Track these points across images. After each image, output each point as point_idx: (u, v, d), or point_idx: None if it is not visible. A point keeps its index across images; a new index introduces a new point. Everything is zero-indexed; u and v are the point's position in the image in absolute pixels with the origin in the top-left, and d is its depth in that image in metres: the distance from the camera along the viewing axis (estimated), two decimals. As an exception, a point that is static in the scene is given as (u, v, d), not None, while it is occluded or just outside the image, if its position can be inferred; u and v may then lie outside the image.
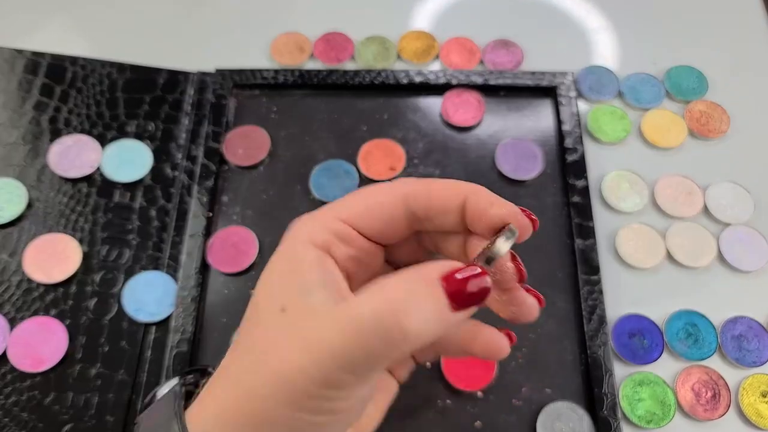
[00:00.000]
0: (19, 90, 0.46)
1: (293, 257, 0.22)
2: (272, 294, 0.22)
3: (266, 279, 0.23)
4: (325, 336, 0.19)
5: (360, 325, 0.19)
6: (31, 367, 0.36)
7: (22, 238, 0.40)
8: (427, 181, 0.24)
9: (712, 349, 0.37)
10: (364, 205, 0.23)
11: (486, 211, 0.22)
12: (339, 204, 0.24)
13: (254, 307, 0.23)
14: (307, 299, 0.21)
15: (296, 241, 0.23)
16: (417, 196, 0.23)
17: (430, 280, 0.20)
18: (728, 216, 0.41)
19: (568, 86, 0.45)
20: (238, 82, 0.46)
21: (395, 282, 0.20)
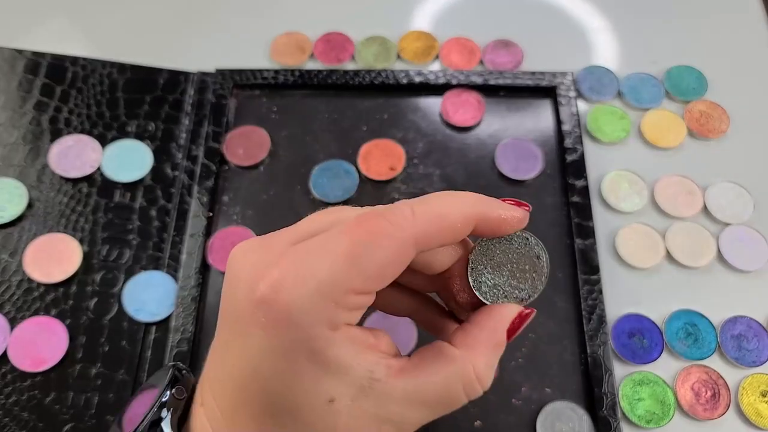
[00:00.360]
0: (20, 90, 0.46)
1: (313, 350, 0.20)
2: (305, 392, 0.20)
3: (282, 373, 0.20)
4: (410, 416, 0.21)
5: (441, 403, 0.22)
6: (32, 366, 0.37)
7: (22, 238, 0.41)
8: (431, 215, 0.21)
9: (711, 348, 0.37)
10: (377, 268, 0.20)
11: (499, 228, 0.23)
12: (345, 269, 0.19)
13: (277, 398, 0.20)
14: (357, 382, 0.20)
15: (309, 332, 0.19)
16: (431, 239, 0.21)
17: (502, 343, 0.23)
18: (728, 216, 0.41)
19: (567, 86, 0.45)
20: (239, 82, 0.46)
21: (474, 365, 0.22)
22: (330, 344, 0.20)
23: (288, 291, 0.19)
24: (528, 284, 0.23)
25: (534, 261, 0.23)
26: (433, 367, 0.21)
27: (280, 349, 0.19)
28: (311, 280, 0.19)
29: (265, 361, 0.20)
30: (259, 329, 0.20)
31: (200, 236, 0.40)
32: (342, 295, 0.19)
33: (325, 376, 0.20)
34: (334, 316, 0.20)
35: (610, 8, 0.50)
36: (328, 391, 0.20)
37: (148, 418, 0.22)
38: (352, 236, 0.20)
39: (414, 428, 0.22)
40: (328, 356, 0.20)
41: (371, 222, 0.20)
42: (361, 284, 0.20)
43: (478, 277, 0.23)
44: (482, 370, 0.22)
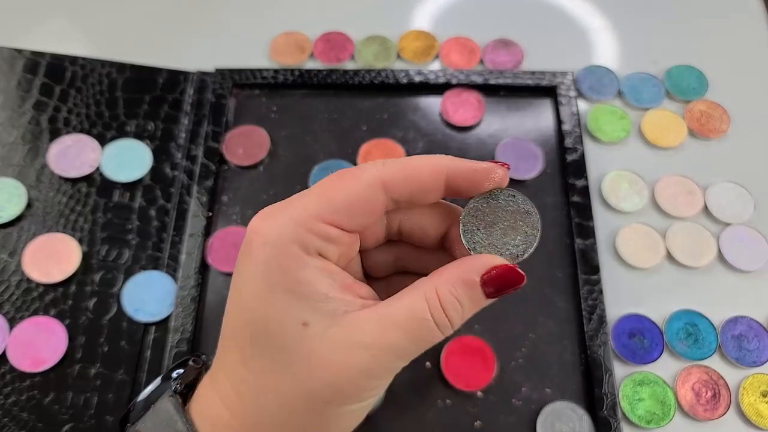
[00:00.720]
0: (19, 89, 0.46)
1: (287, 267, 0.22)
2: (280, 310, 0.21)
3: (261, 296, 0.22)
4: (381, 338, 0.21)
5: (410, 325, 0.22)
6: (31, 367, 0.36)
7: (21, 238, 0.40)
8: (400, 164, 0.23)
9: (712, 348, 0.37)
10: (343, 200, 0.22)
11: (472, 174, 0.23)
12: (314, 200, 0.22)
13: (257, 325, 0.22)
14: (332, 312, 0.22)
15: (282, 250, 0.22)
16: (397, 183, 0.23)
17: (471, 282, 0.23)
18: (728, 216, 0.41)
19: (568, 86, 0.45)
20: (238, 82, 0.46)
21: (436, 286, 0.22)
22: (302, 266, 0.22)
23: (269, 220, 0.22)
24: (521, 240, 0.24)
25: (524, 217, 0.24)
26: (403, 293, 0.23)
27: (259, 267, 0.22)
28: (287, 210, 0.22)
29: (247, 284, 0.22)
30: (246, 256, 0.22)
31: (200, 236, 0.40)
32: (312, 222, 0.22)
33: (300, 300, 0.21)
34: (306, 240, 0.22)
35: (610, 8, 0.50)
36: (302, 313, 0.21)
37: (154, 385, 0.25)
38: (325, 180, 0.23)
39: (390, 356, 0.22)
40: (299, 277, 0.22)
41: (344, 170, 0.23)
42: (329, 214, 0.22)
43: (472, 237, 0.24)
44: (445, 296, 0.22)
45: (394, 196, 0.23)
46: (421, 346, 0.22)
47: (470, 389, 0.36)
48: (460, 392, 0.36)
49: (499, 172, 0.24)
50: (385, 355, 0.22)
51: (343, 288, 0.22)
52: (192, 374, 0.26)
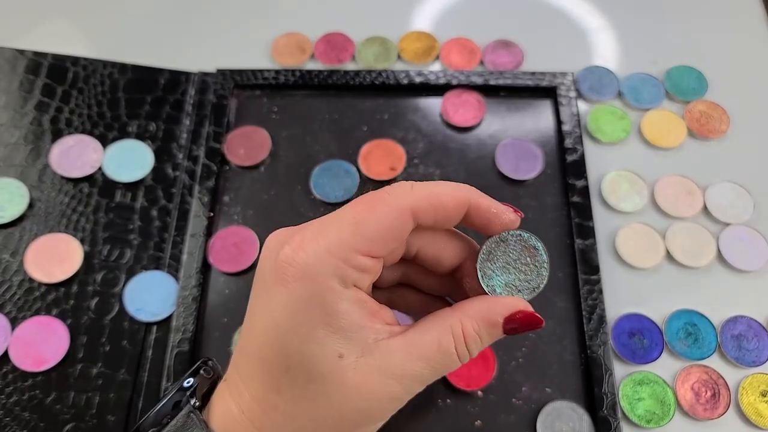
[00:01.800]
0: (21, 90, 0.46)
1: (325, 302, 0.22)
2: (318, 344, 0.22)
3: (299, 331, 0.22)
4: (410, 369, 0.23)
5: (435, 357, 0.23)
6: (33, 366, 0.37)
7: (23, 238, 0.41)
8: (427, 192, 0.24)
9: (711, 348, 0.37)
10: (378, 231, 0.23)
11: (488, 213, 0.25)
12: (350, 230, 0.23)
13: (294, 359, 0.22)
14: (363, 341, 0.23)
15: (321, 284, 0.22)
16: (425, 212, 0.24)
17: (494, 323, 0.24)
18: (728, 216, 0.41)
19: (568, 86, 0.45)
20: (239, 83, 0.46)
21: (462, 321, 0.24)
22: (340, 299, 0.22)
23: (304, 250, 0.22)
24: (534, 274, 0.25)
25: (533, 252, 0.25)
26: (429, 324, 0.24)
27: (297, 301, 0.22)
28: (322, 241, 0.22)
29: (284, 314, 0.22)
30: (281, 286, 0.22)
31: (201, 236, 0.40)
32: (349, 254, 0.22)
33: (337, 332, 0.22)
34: (343, 273, 0.22)
35: (610, 8, 0.50)
36: (338, 346, 0.22)
37: (170, 397, 0.25)
38: (356, 207, 0.23)
39: (417, 384, 0.24)
40: (339, 310, 0.22)
41: (373, 195, 0.23)
42: (364, 246, 0.23)
43: (489, 281, 0.25)
44: (469, 333, 0.24)
45: (419, 221, 0.24)
46: (441, 374, 0.24)
47: (470, 389, 0.36)
48: (461, 392, 0.36)
49: (511, 216, 0.25)
50: (412, 383, 0.23)
51: (371, 315, 0.23)
52: (206, 385, 0.26)
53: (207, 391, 0.26)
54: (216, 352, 0.38)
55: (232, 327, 0.38)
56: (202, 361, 0.27)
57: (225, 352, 0.37)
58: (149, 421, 0.25)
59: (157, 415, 0.25)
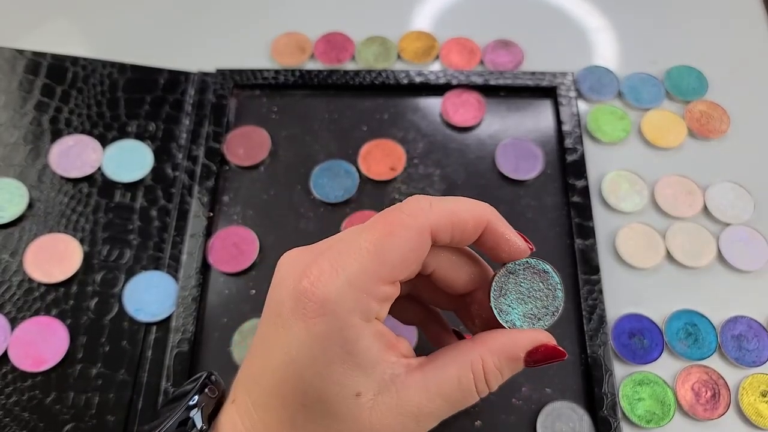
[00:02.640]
0: (20, 90, 0.46)
1: (346, 339, 0.21)
2: (336, 383, 0.22)
3: (318, 369, 0.22)
4: (426, 407, 0.22)
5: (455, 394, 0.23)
6: (32, 366, 0.37)
7: (23, 238, 0.41)
8: (447, 210, 0.23)
9: (711, 348, 0.37)
10: (399, 257, 0.22)
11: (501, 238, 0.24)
12: (371, 260, 0.22)
13: (311, 396, 0.22)
14: (380, 377, 0.22)
15: (342, 321, 0.21)
16: (444, 231, 0.23)
17: (516, 358, 0.24)
18: (728, 216, 0.41)
19: (568, 86, 0.45)
20: (239, 83, 0.46)
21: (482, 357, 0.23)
22: (361, 335, 0.22)
23: (324, 284, 0.21)
24: (551, 298, 0.25)
25: (544, 276, 0.25)
26: (448, 359, 0.23)
27: (317, 338, 0.21)
28: (343, 274, 0.21)
29: (303, 350, 0.21)
30: (299, 321, 0.21)
31: (201, 236, 0.40)
32: (372, 285, 0.22)
33: (355, 369, 0.22)
34: (366, 306, 0.22)
35: (610, 8, 0.50)
36: (356, 384, 0.22)
37: (177, 417, 0.24)
38: (374, 232, 0.22)
39: (433, 421, 0.23)
40: (359, 348, 0.22)
41: (391, 215, 0.22)
42: (387, 273, 0.22)
43: (507, 317, 0.25)
44: (490, 369, 0.23)
45: (436, 240, 0.23)
46: (458, 410, 0.24)
47: (470, 389, 0.36)
48: (461, 392, 0.36)
49: (521, 246, 0.25)
50: (428, 421, 0.23)
51: (389, 349, 0.23)
52: (211, 405, 0.25)
53: (212, 412, 0.25)
54: (216, 352, 0.38)
55: (231, 327, 0.38)
56: (206, 377, 0.26)
57: (225, 352, 0.37)
58: None
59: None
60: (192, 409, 0.24)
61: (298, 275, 0.22)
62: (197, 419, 0.24)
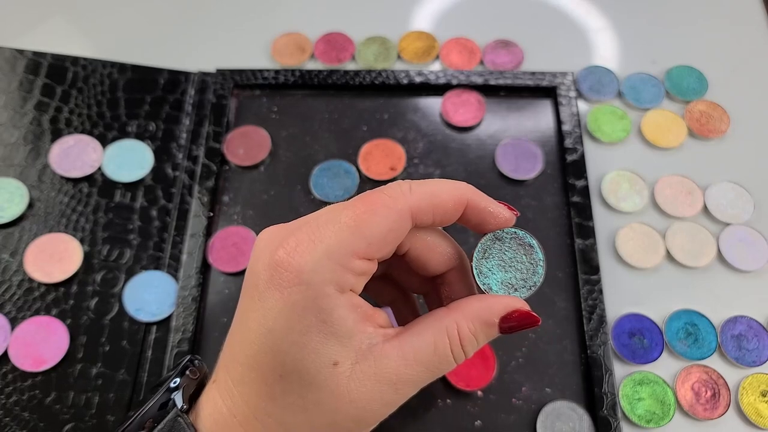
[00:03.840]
0: (20, 90, 0.46)
1: (321, 309, 0.22)
2: (313, 352, 0.22)
3: (294, 338, 0.22)
4: (405, 374, 0.23)
5: (431, 360, 0.23)
6: (32, 366, 0.37)
7: (23, 238, 0.41)
8: (427, 192, 0.23)
9: (711, 348, 0.37)
10: (378, 234, 0.22)
11: (485, 212, 0.25)
12: (349, 234, 0.22)
13: (289, 367, 0.22)
14: (357, 347, 0.22)
15: (318, 291, 0.22)
16: (424, 213, 0.23)
17: (491, 323, 0.24)
18: (728, 216, 0.41)
19: (568, 86, 0.45)
20: (239, 83, 0.46)
21: (457, 322, 0.23)
22: (336, 305, 0.22)
23: (301, 254, 0.22)
24: (530, 272, 0.25)
25: (529, 250, 0.25)
26: (424, 326, 0.24)
27: (293, 307, 0.21)
28: (320, 245, 0.22)
29: (280, 320, 0.22)
30: (276, 291, 0.22)
31: (201, 236, 0.40)
32: (348, 258, 0.22)
33: (331, 339, 0.22)
34: (342, 278, 0.22)
35: (610, 8, 0.50)
36: (333, 353, 0.22)
37: (157, 399, 0.24)
38: (355, 209, 0.22)
39: (412, 387, 0.23)
40: (334, 317, 0.22)
41: (373, 195, 0.23)
42: (365, 249, 0.22)
43: (486, 280, 0.25)
44: (465, 334, 0.23)
45: (418, 222, 0.24)
46: (437, 376, 0.24)
47: (470, 389, 0.36)
48: (461, 392, 0.36)
49: (506, 215, 0.25)
50: (407, 387, 0.23)
51: (366, 320, 0.23)
52: (192, 386, 0.25)
53: (194, 392, 0.25)
54: (215, 351, 0.37)
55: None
56: (189, 359, 0.26)
57: (225, 352, 0.37)
58: (135, 424, 0.24)
59: (143, 418, 0.24)
60: (173, 391, 0.25)
61: (275, 247, 0.22)
62: (178, 399, 0.24)
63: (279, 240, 0.22)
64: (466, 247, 0.27)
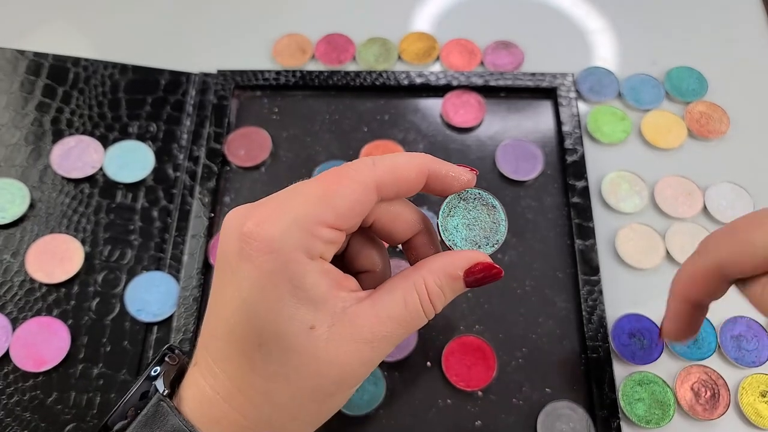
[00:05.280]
0: (22, 91, 0.46)
1: (293, 274, 0.22)
2: (289, 317, 0.22)
3: (269, 306, 0.22)
4: (379, 331, 0.23)
5: (403, 315, 0.24)
6: (34, 367, 0.37)
7: (24, 239, 0.41)
8: (390, 165, 0.24)
9: (711, 348, 0.37)
10: (345, 205, 0.23)
11: (447, 177, 0.26)
12: (317, 204, 0.23)
13: (266, 335, 0.22)
14: (332, 310, 0.23)
15: (288, 257, 0.22)
16: (389, 186, 0.24)
17: (455, 276, 0.25)
18: (728, 216, 0.41)
19: (568, 87, 0.45)
20: (240, 83, 0.46)
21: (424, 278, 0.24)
22: (307, 272, 0.22)
23: (269, 224, 0.22)
24: (493, 231, 0.27)
25: (492, 210, 0.27)
26: (393, 285, 0.24)
27: (265, 276, 0.22)
28: (289, 214, 0.22)
29: (253, 291, 0.22)
30: (247, 262, 0.22)
31: (202, 237, 0.40)
32: (316, 227, 0.22)
33: (305, 304, 0.22)
34: (310, 245, 0.22)
35: (610, 9, 0.51)
36: (309, 318, 0.22)
37: (137, 388, 0.25)
38: (322, 182, 0.23)
39: (387, 344, 0.24)
40: (307, 283, 0.22)
41: (339, 170, 0.24)
42: (332, 219, 0.23)
43: (450, 236, 0.26)
44: (433, 289, 0.24)
45: (383, 195, 0.24)
46: (410, 332, 0.24)
47: (471, 389, 0.36)
48: (461, 392, 0.36)
49: (468, 176, 0.26)
50: (383, 345, 0.24)
51: (338, 285, 0.24)
52: (173, 372, 0.26)
53: (175, 378, 0.25)
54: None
55: (232, 327, 0.38)
56: (167, 347, 0.26)
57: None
58: (117, 414, 0.24)
59: (125, 407, 0.24)
60: (154, 379, 0.25)
61: (243, 221, 0.23)
62: (159, 385, 0.25)
63: (246, 215, 0.23)
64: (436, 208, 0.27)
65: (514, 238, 0.40)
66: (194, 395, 0.24)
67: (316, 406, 0.24)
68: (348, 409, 0.35)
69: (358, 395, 0.36)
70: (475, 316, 0.38)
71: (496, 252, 0.26)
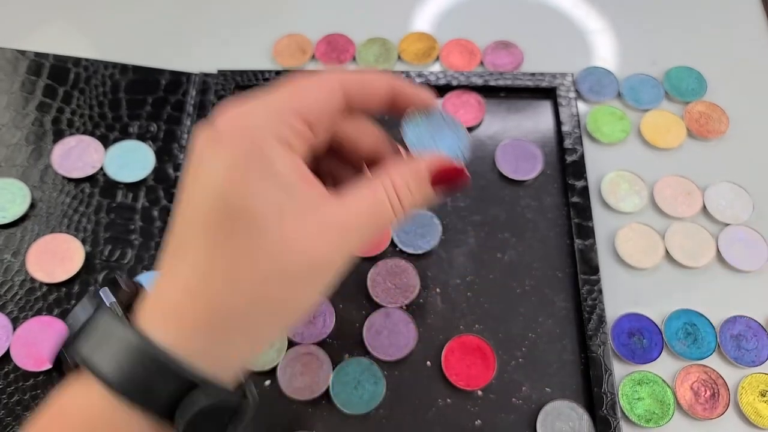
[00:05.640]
0: (22, 91, 0.46)
1: (265, 157, 0.22)
2: (259, 195, 0.22)
3: (240, 185, 0.22)
4: (347, 222, 0.24)
5: (371, 208, 0.24)
6: (34, 366, 0.37)
7: (25, 238, 0.41)
8: (358, 74, 0.26)
9: (711, 348, 0.37)
10: (314, 99, 0.24)
11: (412, 95, 0.27)
12: (289, 97, 0.24)
13: (235, 213, 0.22)
14: (301, 198, 0.23)
15: (261, 140, 0.22)
16: (356, 91, 0.25)
17: (422, 175, 0.26)
18: (727, 216, 0.41)
19: (567, 87, 0.45)
20: (240, 84, 0.46)
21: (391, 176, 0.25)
22: (279, 156, 0.23)
23: (242, 117, 0.23)
24: (457, 146, 0.27)
25: (453, 126, 0.28)
26: (361, 184, 0.25)
27: (237, 157, 0.22)
28: (263, 105, 0.23)
29: (224, 171, 0.22)
30: (220, 147, 0.23)
31: (202, 236, 0.40)
32: (286, 115, 0.23)
33: (276, 187, 0.22)
34: (281, 131, 0.23)
35: (609, 9, 0.51)
36: (279, 201, 0.22)
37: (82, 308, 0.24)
38: (291, 82, 0.25)
39: (356, 237, 0.24)
40: (278, 168, 0.23)
41: (307, 74, 0.25)
42: (305, 110, 0.24)
43: (414, 146, 0.27)
44: (400, 186, 0.25)
45: (350, 101, 0.25)
46: (378, 229, 0.25)
47: (470, 388, 0.36)
48: (460, 391, 0.36)
49: (430, 93, 0.28)
50: (352, 236, 0.24)
51: (308, 181, 0.24)
52: (126, 297, 0.24)
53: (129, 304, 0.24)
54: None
55: (232, 327, 0.38)
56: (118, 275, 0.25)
57: (226, 351, 0.37)
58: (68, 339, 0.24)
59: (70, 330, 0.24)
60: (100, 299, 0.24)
61: (215, 122, 0.23)
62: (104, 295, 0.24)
63: (217, 115, 0.24)
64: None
65: (514, 237, 0.40)
66: (150, 296, 0.23)
67: (281, 293, 0.23)
68: (348, 408, 0.35)
69: (358, 394, 0.36)
70: (474, 315, 0.38)
71: (495, 251, 0.26)
